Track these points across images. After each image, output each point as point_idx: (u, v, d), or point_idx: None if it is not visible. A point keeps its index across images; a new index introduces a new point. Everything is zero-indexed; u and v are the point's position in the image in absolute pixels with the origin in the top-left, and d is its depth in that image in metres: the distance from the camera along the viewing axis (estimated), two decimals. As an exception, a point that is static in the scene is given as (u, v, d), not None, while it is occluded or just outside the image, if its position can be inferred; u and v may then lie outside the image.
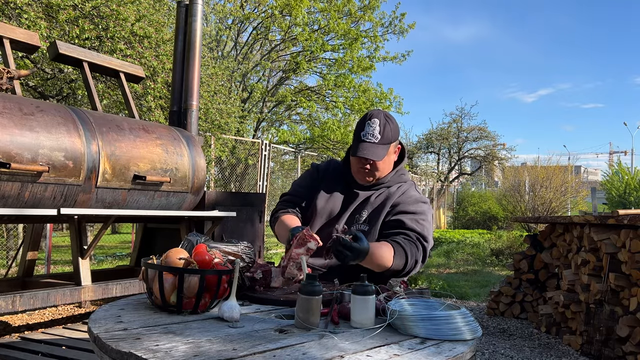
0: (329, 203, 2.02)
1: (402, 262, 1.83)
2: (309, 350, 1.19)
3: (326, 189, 2.06)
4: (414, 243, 1.88)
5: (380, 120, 1.91)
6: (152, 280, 1.50)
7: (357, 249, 1.67)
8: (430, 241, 1.94)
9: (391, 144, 1.95)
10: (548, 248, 5.20)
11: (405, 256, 1.84)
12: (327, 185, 2.07)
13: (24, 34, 3.94)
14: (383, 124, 1.91)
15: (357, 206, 2.01)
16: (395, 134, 1.96)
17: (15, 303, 3.27)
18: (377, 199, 2.00)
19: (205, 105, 8.70)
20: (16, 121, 3.28)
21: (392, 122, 1.95)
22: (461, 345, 1.30)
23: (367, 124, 1.92)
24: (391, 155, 1.99)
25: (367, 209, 1.99)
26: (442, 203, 23.85)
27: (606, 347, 3.86)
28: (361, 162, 1.95)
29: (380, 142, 1.91)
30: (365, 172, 1.97)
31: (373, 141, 1.90)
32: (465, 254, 11.85)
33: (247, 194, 5.92)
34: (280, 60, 14.49)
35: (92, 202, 3.80)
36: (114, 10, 7.10)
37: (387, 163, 1.99)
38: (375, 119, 1.92)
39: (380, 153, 1.91)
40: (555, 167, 14.86)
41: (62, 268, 8.14)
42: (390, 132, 1.93)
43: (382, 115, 1.94)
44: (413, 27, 14.98)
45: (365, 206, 2.00)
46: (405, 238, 1.87)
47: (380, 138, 1.90)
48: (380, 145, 1.91)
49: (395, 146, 2.00)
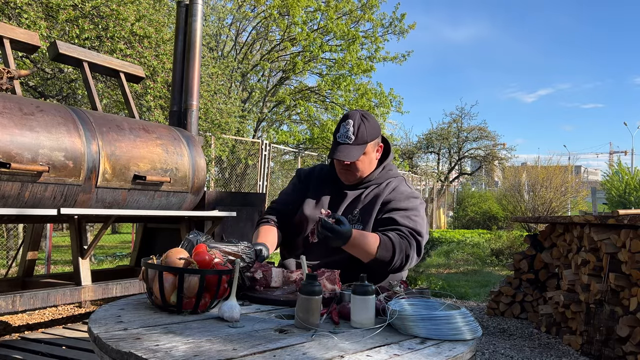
0: (318, 207, 2.02)
1: (388, 253, 1.83)
2: (309, 350, 1.19)
3: (313, 194, 2.07)
4: (406, 238, 1.87)
5: (354, 121, 1.93)
6: (152, 280, 1.50)
7: (339, 231, 1.72)
8: (425, 235, 1.94)
9: (368, 143, 1.95)
10: (548, 248, 5.20)
11: (392, 248, 1.83)
12: (314, 189, 2.08)
13: (24, 34, 3.94)
14: (357, 125, 1.92)
15: (348, 205, 2.01)
16: (372, 132, 1.96)
17: (15, 303, 3.27)
18: (367, 196, 2.01)
19: (205, 105, 8.70)
20: (16, 121, 3.28)
21: (368, 121, 1.96)
22: (461, 345, 1.30)
23: (342, 126, 1.94)
24: (371, 154, 1.99)
25: (359, 208, 2.00)
26: (442, 203, 23.85)
27: (606, 347, 3.86)
28: (340, 164, 1.98)
29: (355, 142, 1.92)
30: (346, 172, 1.99)
31: (347, 142, 1.92)
32: (465, 254, 11.85)
33: (247, 194, 5.92)
34: (280, 60, 14.49)
35: (92, 202, 3.80)
36: (113, 10, 7.10)
37: (367, 162, 1.99)
38: (349, 120, 1.93)
39: (354, 154, 1.91)
40: (555, 167, 14.86)
41: (62, 268, 8.14)
42: (365, 131, 1.93)
43: (358, 115, 1.95)
44: (413, 27, 14.98)
45: (357, 205, 2.00)
46: (397, 233, 1.88)
47: (354, 139, 1.91)
48: (355, 146, 1.92)
49: (375, 144, 2.01)
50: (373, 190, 2.02)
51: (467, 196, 22.94)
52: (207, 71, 9.06)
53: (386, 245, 1.83)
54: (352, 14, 14.07)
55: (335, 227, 1.72)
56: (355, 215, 1.98)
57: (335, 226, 1.72)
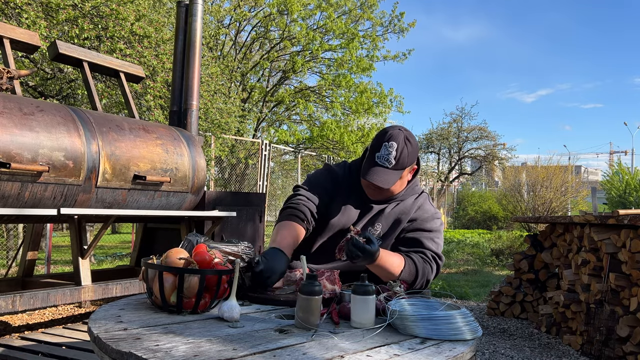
0: (343, 217, 1.96)
1: (411, 277, 1.81)
2: (309, 350, 1.19)
3: (341, 202, 1.97)
4: (429, 262, 1.85)
5: (398, 145, 1.79)
6: (152, 280, 1.49)
7: (368, 251, 1.63)
8: (443, 258, 1.92)
9: (406, 168, 1.85)
10: (548, 248, 5.20)
11: (415, 272, 1.81)
12: (342, 197, 1.98)
13: (24, 34, 3.94)
14: (401, 149, 1.79)
15: (371, 218, 1.95)
16: (412, 157, 1.85)
17: (15, 303, 3.27)
18: (391, 212, 1.94)
19: (205, 105, 8.70)
20: (16, 121, 3.28)
21: (411, 145, 1.82)
22: (461, 345, 1.30)
23: (384, 147, 1.79)
24: (405, 178, 1.90)
25: (381, 222, 1.94)
26: (442, 203, 23.85)
27: (606, 347, 3.86)
28: (370, 185, 1.86)
29: (394, 167, 1.80)
30: (375, 192, 1.90)
31: (386, 166, 1.79)
32: (465, 253, 11.85)
33: (247, 193, 5.92)
34: (280, 60, 14.50)
35: (92, 202, 3.80)
36: (113, 10, 7.10)
37: (400, 185, 1.90)
38: (393, 142, 1.79)
39: (391, 180, 1.80)
40: (555, 167, 14.86)
41: (62, 268, 8.14)
42: (407, 157, 1.81)
43: (402, 137, 1.81)
44: (413, 25, 14.98)
45: (379, 219, 1.94)
46: (421, 257, 1.85)
47: (394, 164, 1.79)
48: (393, 171, 1.80)
49: (411, 168, 1.91)
50: (398, 206, 1.95)
51: (467, 196, 22.96)
52: (207, 71, 9.06)
53: (410, 269, 1.80)
54: (351, 12, 14.07)
55: (366, 248, 1.63)
56: (377, 229, 1.93)
57: (367, 246, 1.63)
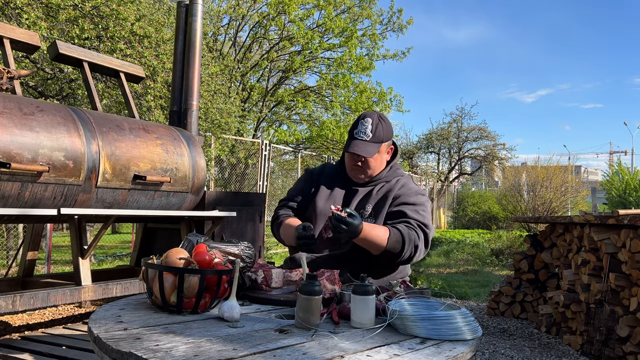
0: (329, 201, 2.06)
1: (398, 244, 1.88)
2: (309, 350, 1.19)
3: (324, 190, 2.11)
4: (414, 229, 1.93)
5: (373, 120, 2.01)
6: (153, 280, 1.49)
7: (351, 223, 1.76)
8: (432, 229, 1.99)
9: (383, 143, 2.03)
10: (548, 248, 5.20)
11: (401, 239, 1.88)
12: (325, 186, 2.13)
13: (24, 34, 3.94)
14: (375, 124, 2.00)
15: (360, 201, 2.06)
16: (387, 134, 2.04)
17: (15, 303, 3.27)
18: (378, 192, 2.06)
19: (205, 104, 8.70)
20: (16, 121, 3.28)
21: (385, 122, 2.04)
22: (461, 345, 1.30)
23: (360, 123, 2.01)
24: (383, 154, 2.07)
25: (371, 203, 2.04)
26: (442, 203, 23.84)
27: (606, 347, 3.86)
28: (353, 159, 2.03)
29: (372, 140, 1.99)
30: (358, 169, 2.04)
31: (365, 139, 1.99)
32: (465, 254, 11.85)
33: (247, 193, 5.92)
34: (280, 60, 14.50)
35: (92, 202, 3.80)
36: (113, 10, 7.10)
37: (379, 161, 2.06)
38: (368, 119, 2.01)
39: (370, 150, 1.98)
40: (555, 167, 14.86)
41: (62, 268, 8.14)
42: (382, 131, 2.01)
43: (376, 115, 2.04)
44: (411, 22, 14.99)
45: (368, 200, 2.05)
46: (406, 225, 1.93)
47: (371, 136, 1.99)
48: (371, 143, 1.99)
49: (388, 146, 2.09)
50: (384, 187, 2.08)
51: (467, 196, 22.95)
52: (207, 71, 9.06)
53: (396, 237, 1.88)
54: (350, 10, 14.06)
55: (347, 220, 1.76)
56: (367, 210, 2.03)
57: (348, 219, 1.76)
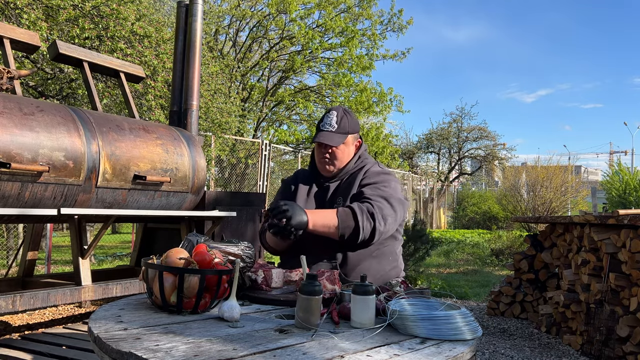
0: (307, 204, 2.10)
1: (349, 218, 1.87)
2: (309, 350, 1.19)
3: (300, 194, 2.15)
4: (368, 201, 1.93)
5: (338, 113, 2.09)
6: (153, 280, 1.49)
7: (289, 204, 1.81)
8: (396, 199, 1.98)
9: (349, 134, 2.08)
10: (548, 248, 5.20)
11: (351, 211, 1.88)
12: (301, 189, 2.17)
13: (25, 34, 3.94)
14: (340, 116, 2.08)
15: (331, 196, 2.09)
16: (353, 126, 2.10)
17: (15, 303, 3.28)
18: (346, 184, 2.09)
19: (205, 104, 8.70)
20: (16, 121, 3.28)
21: (350, 115, 2.11)
22: (461, 345, 1.30)
23: (326, 116, 2.10)
24: (350, 146, 2.12)
25: (341, 195, 2.07)
26: (442, 203, 23.85)
27: (606, 347, 3.86)
28: (321, 151, 2.08)
29: (337, 131, 2.06)
30: (327, 161, 2.08)
31: (330, 130, 2.05)
32: (465, 254, 11.85)
33: (247, 193, 5.92)
34: (280, 59, 14.50)
35: (92, 202, 3.80)
36: (114, 10, 7.10)
37: (347, 153, 2.11)
38: (333, 112, 2.09)
39: (336, 140, 2.04)
40: (555, 167, 14.87)
41: (62, 268, 8.14)
42: (347, 123, 2.08)
43: (341, 109, 2.11)
44: (411, 22, 15.00)
45: (337, 194, 2.08)
46: (357, 202, 1.93)
47: (337, 127, 2.06)
48: (337, 134, 2.05)
49: (355, 138, 2.14)
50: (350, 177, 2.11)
51: (467, 196, 22.95)
52: (207, 70, 9.06)
53: (344, 211, 1.89)
54: (350, 9, 14.06)
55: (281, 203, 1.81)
56: (339, 203, 2.05)
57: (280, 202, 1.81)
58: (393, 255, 2.10)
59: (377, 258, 2.02)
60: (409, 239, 7.01)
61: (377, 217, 1.88)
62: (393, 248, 2.10)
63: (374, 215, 1.88)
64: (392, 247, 2.09)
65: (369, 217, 1.87)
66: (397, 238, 2.12)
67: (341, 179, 2.11)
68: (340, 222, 1.86)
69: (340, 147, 2.06)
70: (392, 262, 2.09)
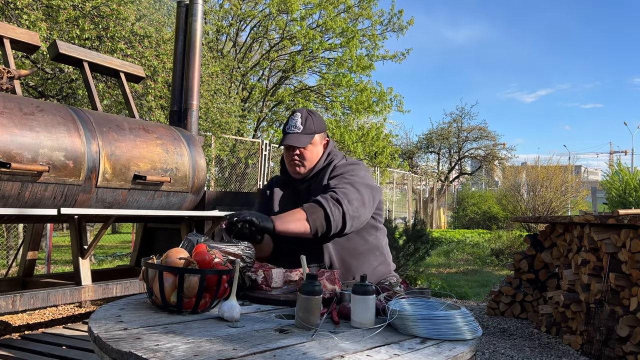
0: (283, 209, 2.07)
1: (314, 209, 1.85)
2: (309, 350, 1.19)
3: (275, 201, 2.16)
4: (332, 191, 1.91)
5: (302, 114, 2.08)
6: (153, 280, 1.49)
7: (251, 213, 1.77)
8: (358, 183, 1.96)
9: (315, 134, 2.07)
10: (548, 248, 5.20)
11: (316, 202, 1.87)
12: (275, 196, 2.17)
13: (25, 34, 3.94)
14: (305, 117, 2.07)
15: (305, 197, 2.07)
16: (318, 125, 2.09)
17: (15, 303, 3.28)
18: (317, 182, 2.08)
19: (205, 104, 8.70)
20: (16, 121, 3.28)
21: (315, 115, 2.10)
22: (461, 345, 1.30)
23: (290, 118, 2.08)
24: (317, 145, 2.11)
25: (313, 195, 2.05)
26: (442, 203, 23.85)
27: (606, 346, 3.86)
28: (289, 153, 2.07)
29: (303, 132, 2.04)
30: (296, 162, 2.07)
31: (296, 131, 2.04)
32: (465, 253, 11.86)
33: (247, 193, 5.92)
34: (280, 59, 14.50)
35: (92, 202, 3.80)
36: (114, 10, 7.10)
37: (315, 153, 2.09)
38: (297, 113, 2.08)
39: (303, 140, 2.03)
40: (555, 167, 14.87)
41: (62, 268, 8.14)
42: (312, 123, 2.07)
43: (305, 110, 2.10)
44: (412, 23, 14.99)
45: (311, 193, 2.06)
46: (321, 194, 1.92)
47: (302, 128, 2.05)
48: (303, 135, 2.04)
49: (322, 138, 2.13)
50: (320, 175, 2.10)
51: (467, 196, 22.94)
52: (207, 71, 9.06)
53: (310, 205, 1.87)
54: (350, 9, 14.06)
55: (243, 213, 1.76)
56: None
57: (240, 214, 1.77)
58: (379, 250, 2.08)
59: (363, 254, 2.01)
60: (409, 238, 7.01)
61: (343, 201, 1.87)
62: (377, 241, 2.09)
63: (339, 201, 1.87)
64: (376, 240, 2.08)
65: (336, 203, 1.87)
66: (377, 228, 2.10)
67: (313, 178, 2.11)
68: (308, 215, 1.84)
69: (308, 147, 2.06)
70: (379, 257, 2.07)
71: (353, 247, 1.99)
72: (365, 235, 2.03)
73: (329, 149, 2.15)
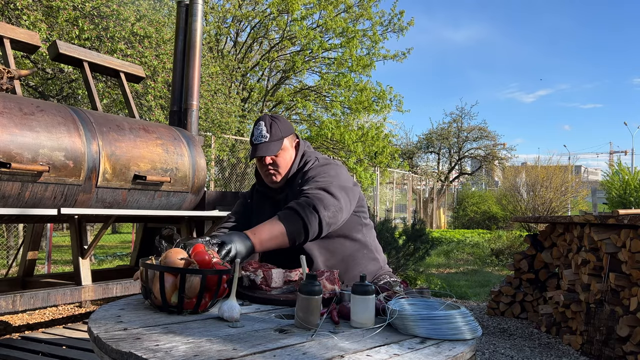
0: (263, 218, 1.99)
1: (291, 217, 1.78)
2: (309, 350, 1.19)
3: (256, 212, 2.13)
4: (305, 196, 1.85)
5: (265, 122, 2.01)
6: (152, 281, 1.49)
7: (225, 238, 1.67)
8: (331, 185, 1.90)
9: (283, 139, 2.02)
10: (548, 248, 5.20)
11: (291, 210, 1.80)
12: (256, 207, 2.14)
13: (25, 34, 3.94)
14: (269, 124, 2.01)
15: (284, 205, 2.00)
16: (285, 129, 2.03)
17: (15, 303, 3.28)
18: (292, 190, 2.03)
19: (205, 104, 8.70)
20: (16, 121, 3.28)
21: (279, 120, 2.04)
22: (461, 345, 1.30)
23: (255, 128, 2.02)
24: (289, 150, 2.05)
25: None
26: (442, 203, 23.85)
27: (606, 346, 3.86)
28: (262, 164, 2.03)
29: (271, 139, 1.99)
30: (270, 172, 2.03)
31: (263, 140, 1.98)
32: (465, 253, 11.85)
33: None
34: (280, 59, 14.50)
35: (92, 202, 3.80)
36: (114, 10, 7.11)
37: (288, 158, 2.05)
38: (260, 122, 2.02)
39: (273, 148, 1.99)
40: (555, 167, 14.87)
41: (62, 268, 8.14)
42: (278, 129, 2.01)
43: (267, 117, 2.04)
44: (412, 23, 14.98)
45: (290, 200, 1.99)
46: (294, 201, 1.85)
47: (269, 136, 1.99)
48: (271, 142, 1.99)
49: (291, 140, 2.07)
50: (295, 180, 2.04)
51: (467, 196, 22.94)
52: (207, 71, 9.06)
53: (285, 214, 1.80)
54: (350, 9, 14.05)
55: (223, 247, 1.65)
56: None
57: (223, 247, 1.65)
58: (368, 248, 2.05)
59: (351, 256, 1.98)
60: (409, 238, 7.01)
61: (319, 207, 1.81)
62: (366, 238, 2.05)
63: (316, 207, 1.80)
64: (365, 238, 2.04)
65: (312, 211, 1.80)
66: (364, 224, 2.06)
67: (288, 185, 2.05)
68: (287, 226, 1.76)
69: (279, 154, 2.01)
70: (368, 255, 2.04)
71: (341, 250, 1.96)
72: (354, 234, 2.00)
73: (301, 150, 2.10)
